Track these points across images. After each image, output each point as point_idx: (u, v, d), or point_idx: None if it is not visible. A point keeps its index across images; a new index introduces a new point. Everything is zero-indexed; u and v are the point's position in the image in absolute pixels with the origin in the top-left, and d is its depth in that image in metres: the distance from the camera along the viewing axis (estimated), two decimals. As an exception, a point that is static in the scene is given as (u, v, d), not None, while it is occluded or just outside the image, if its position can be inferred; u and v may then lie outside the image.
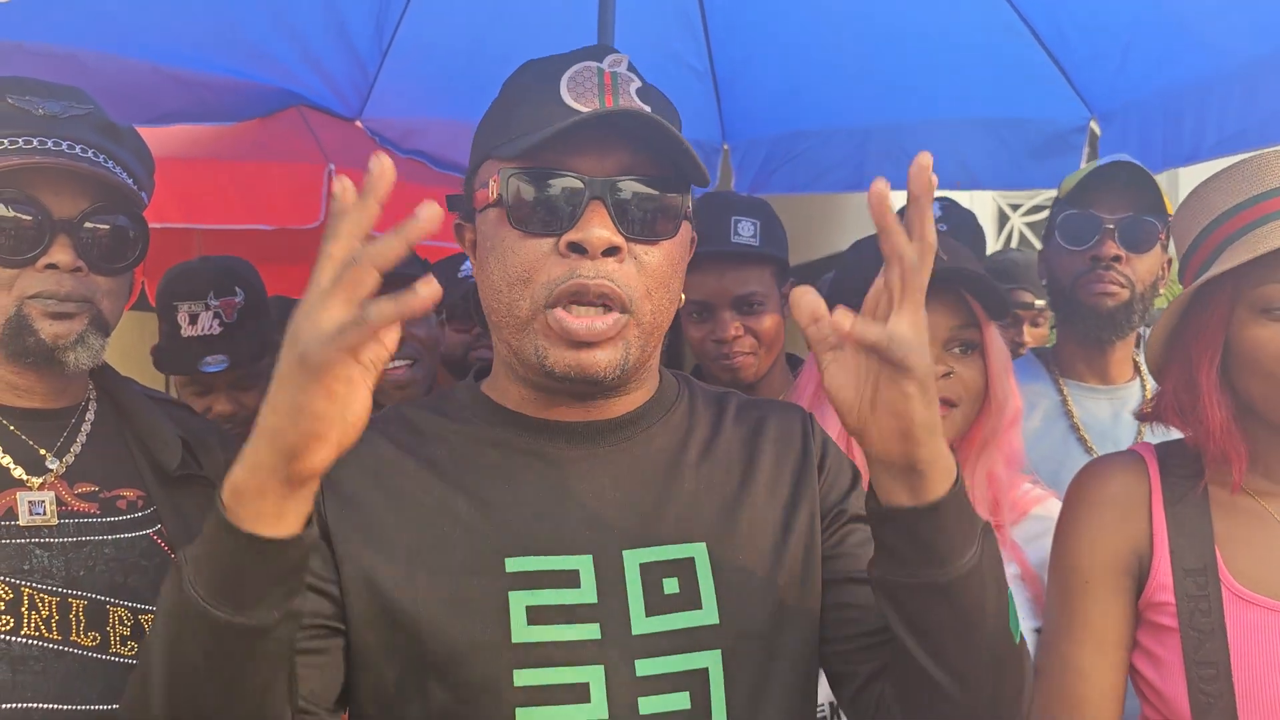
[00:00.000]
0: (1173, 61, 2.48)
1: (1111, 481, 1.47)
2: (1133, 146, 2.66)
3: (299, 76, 2.85)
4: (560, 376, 1.08)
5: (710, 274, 2.15)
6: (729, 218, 2.20)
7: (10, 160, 1.36)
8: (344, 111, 3.08)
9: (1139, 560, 1.43)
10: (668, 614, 1.08)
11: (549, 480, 1.12)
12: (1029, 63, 2.76)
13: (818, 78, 2.96)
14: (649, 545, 1.10)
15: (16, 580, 1.35)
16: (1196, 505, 1.41)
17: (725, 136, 3.25)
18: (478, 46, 2.79)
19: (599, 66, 1.11)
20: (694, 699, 1.07)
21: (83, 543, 1.42)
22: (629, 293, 1.07)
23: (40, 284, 1.39)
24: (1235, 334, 1.37)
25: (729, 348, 2.15)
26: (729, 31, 2.98)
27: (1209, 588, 1.36)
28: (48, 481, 1.43)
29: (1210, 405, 1.39)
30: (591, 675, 1.05)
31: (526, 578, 1.07)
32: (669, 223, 1.10)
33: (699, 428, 1.20)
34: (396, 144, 3.12)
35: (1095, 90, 2.77)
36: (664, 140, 1.07)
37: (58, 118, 1.43)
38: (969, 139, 2.93)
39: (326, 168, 3.07)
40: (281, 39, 2.70)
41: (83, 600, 1.39)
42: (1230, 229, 1.39)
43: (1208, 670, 1.33)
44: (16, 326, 1.39)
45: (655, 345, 1.14)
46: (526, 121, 1.08)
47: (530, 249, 1.07)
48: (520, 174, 1.07)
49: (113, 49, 2.40)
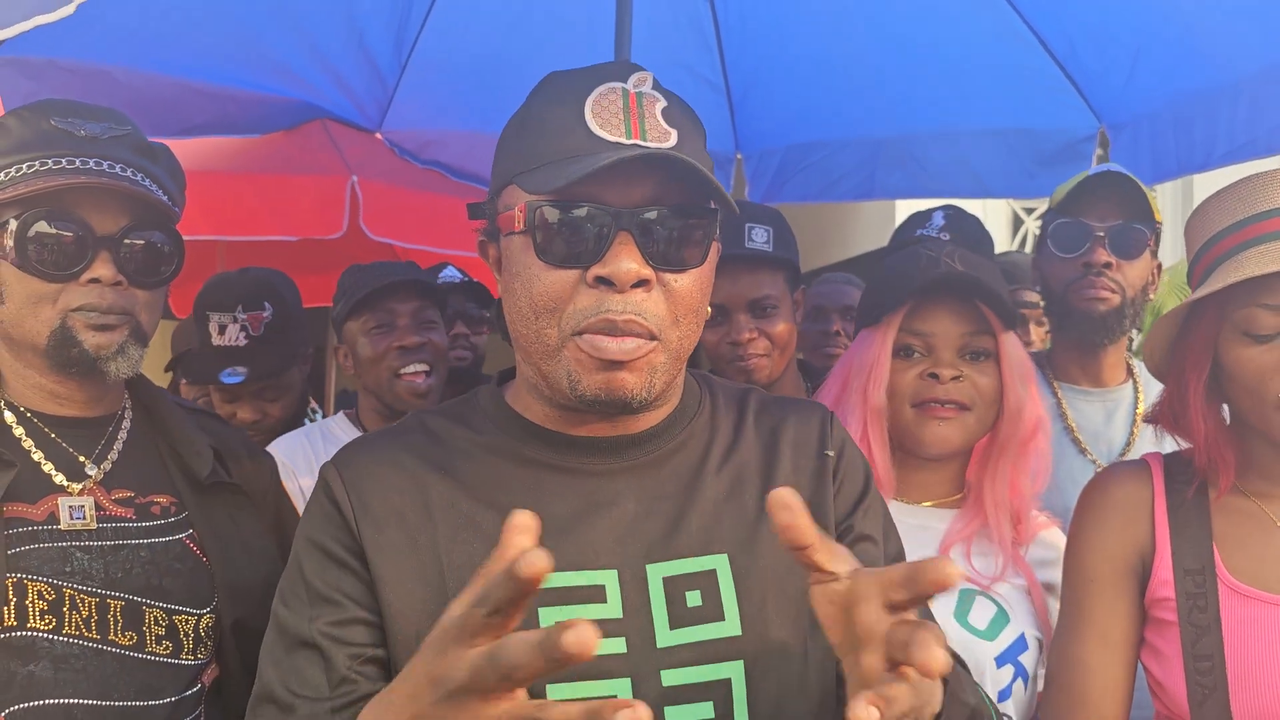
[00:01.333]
0: (1182, 71, 2.50)
1: (1117, 488, 1.53)
2: (1143, 155, 2.69)
3: (321, 90, 2.92)
4: (591, 400, 1.07)
5: (725, 278, 2.20)
6: (743, 224, 2.24)
7: (55, 180, 1.41)
8: (365, 123, 3.14)
9: (1142, 561, 1.47)
10: (691, 626, 1.09)
11: (574, 496, 1.13)
12: (1039, 73, 2.78)
13: (830, 89, 2.99)
14: (671, 559, 1.11)
15: (59, 581, 1.40)
16: (1196, 509, 1.46)
17: (739, 147, 3.28)
18: (495, 59, 2.83)
19: (624, 88, 1.09)
20: (718, 709, 1.08)
21: (120, 546, 1.47)
22: (657, 323, 1.07)
23: (83, 297, 1.44)
24: (1222, 351, 1.43)
25: (744, 349, 2.19)
26: (742, 43, 3.02)
27: (1206, 585, 1.41)
28: (87, 487, 1.48)
29: (1197, 418, 1.45)
30: (619, 688, 1.06)
31: (554, 594, 1.07)
32: (696, 250, 1.09)
33: (720, 437, 1.20)
34: (415, 155, 3.18)
35: (1105, 100, 2.80)
36: (692, 168, 1.05)
37: (99, 139, 1.48)
38: (980, 149, 2.96)
39: (349, 179, 3.12)
40: (304, 54, 2.76)
41: (120, 601, 1.44)
42: (1222, 249, 1.44)
43: (1204, 663, 1.38)
44: (61, 338, 1.44)
45: (681, 366, 1.14)
46: (552, 149, 1.07)
47: (558, 280, 1.06)
48: (547, 206, 1.06)
49: (142, 65, 2.47)
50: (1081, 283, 2.09)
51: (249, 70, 2.72)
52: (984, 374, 1.62)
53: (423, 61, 2.95)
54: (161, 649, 1.46)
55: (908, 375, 1.63)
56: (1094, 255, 2.09)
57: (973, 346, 1.62)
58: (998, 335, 1.62)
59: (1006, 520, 1.65)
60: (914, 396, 1.62)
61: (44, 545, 1.42)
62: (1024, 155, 2.93)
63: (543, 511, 1.10)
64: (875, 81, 2.94)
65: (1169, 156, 2.60)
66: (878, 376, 1.61)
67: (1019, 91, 2.86)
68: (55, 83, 2.32)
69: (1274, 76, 2.35)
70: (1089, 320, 2.10)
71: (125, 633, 1.44)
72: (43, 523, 1.43)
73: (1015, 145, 2.94)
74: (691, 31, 2.99)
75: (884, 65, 2.89)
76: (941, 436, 1.61)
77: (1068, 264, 2.12)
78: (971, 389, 1.61)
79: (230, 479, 1.63)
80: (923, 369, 1.62)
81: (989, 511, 1.64)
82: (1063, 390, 2.18)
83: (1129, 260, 2.10)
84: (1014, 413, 1.63)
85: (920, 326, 1.62)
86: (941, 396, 1.60)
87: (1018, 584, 1.64)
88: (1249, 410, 1.42)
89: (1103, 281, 2.08)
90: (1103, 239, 2.09)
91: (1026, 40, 2.73)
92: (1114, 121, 2.81)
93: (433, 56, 2.93)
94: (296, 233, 3.19)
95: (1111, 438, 2.10)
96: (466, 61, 2.89)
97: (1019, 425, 1.64)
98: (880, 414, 1.62)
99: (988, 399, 1.62)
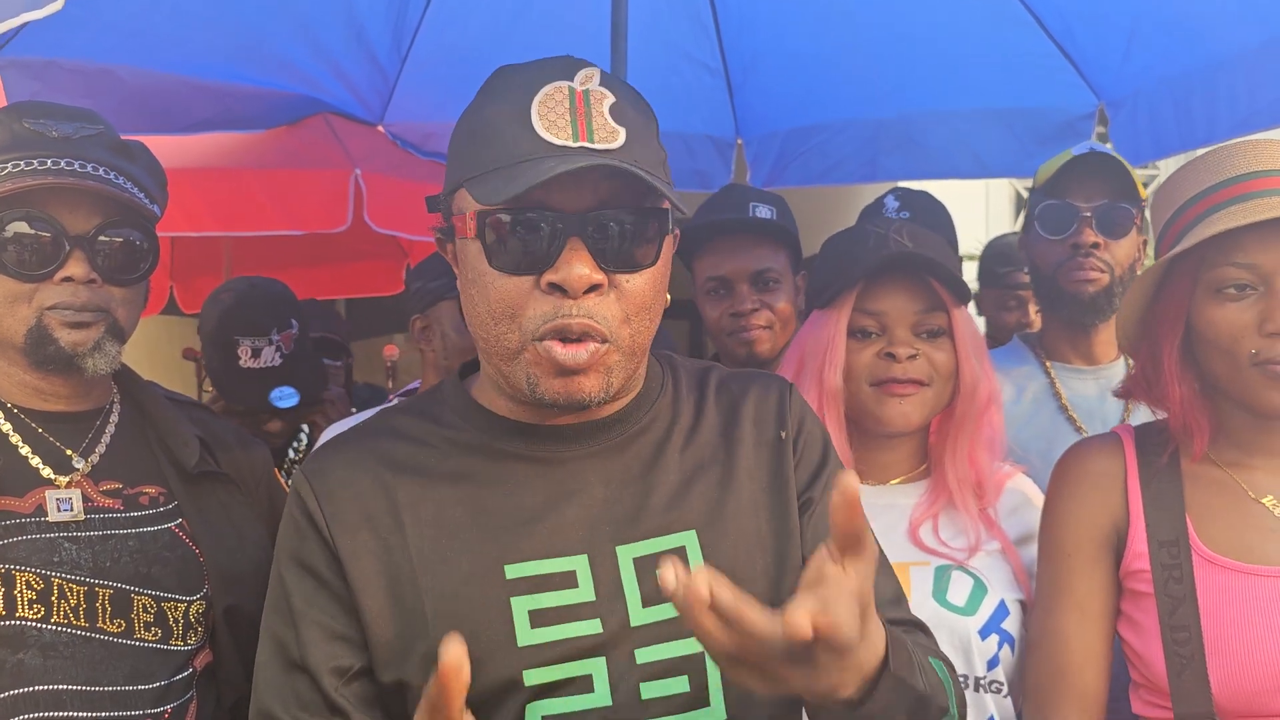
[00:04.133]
0: (1179, 48, 2.50)
1: (1090, 461, 1.54)
2: (1143, 131, 2.69)
3: (323, 84, 2.93)
4: (550, 402, 1.10)
5: (728, 251, 2.22)
6: (747, 201, 2.27)
7: (27, 181, 1.44)
8: (367, 117, 3.15)
9: (1117, 533, 1.49)
10: (663, 604, 1.10)
11: (542, 484, 1.15)
12: (1036, 52, 2.79)
13: (829, 71, 2.99)
14: (640, 539, 1.14)
15: (47, 572, 1.43)
16: (1169, 480, 1.48)
17: (739, 131, 3.29)
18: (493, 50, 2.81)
19: (570, 86, 1.09)
20: (692, 682, 1.11)
21: (108, 536, 1.50)
22: (609, 326, 1.08)
23: (58, 296, 1.47)
24: (1194, 314, 1.44)
25: (746, 320, 2.21)
26: (740, 28, 3.02)
27: (1181, 556, 1.42)
28: (74, 480, 1.51)
29: (1172, 381, 1.46)
30: (594, 667, 1.09)
31: (526, 583, 1.10)
32: (649, 248, 1.10)
33: (683, 416, 1.22)
34: (417, 147, 3.19)
35: (1103, 77, 2.80)
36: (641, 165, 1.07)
37: (71, 139, 1.50)
38: (979, 129, 2.96)
39: (353, 173, 3.13)
40: (305, 48, 2.78)
41: (109, 589, 1.47)
42: (1192, 215, 1.45)
43: (1181, 633, 1.39)
44: (38, 336, 1.47)
45: (640, 361, 1.16)
46: (500, 154, 1.07)
47: (512, 287, 1.08)
48: (497, 214, 1.07)
49: (144, 63, 2.49)
50: (1070, 264, 2.10)
51: (251, 66, 2.73)
52: (939, 349, 1.64)
53: (423, 54, 2.96)
54: (150, 635, 1.49)
55: (864, 355, 1.63)
56: (1081, 236, 2.10)
57: (927, 324, 1.63)
58: (950, 311, 1.64)
59: (970, 492, 1.67)
60: (871, 376, 1.63)
61: (32, 537, 1.44)
62: (1023, 134, 2.93)
63: (509, 501, 1.14)
64: (874, 63, 2.95)
65: (1169, 132, 2.60)
66: (833, 359, 1.62)
67: (1017, 71, 2.86)
68: (58, 83, 2.34)
69: (1272, 50, 2.35)
70: (1078, 302, 2.11)
71: (114, 620, 1.47)
72: (30, 515, 1.46)
73: (1015, 124, 2.94)
74: (689, 17, 3.00)
75: (882, 47, 2.90)
76: (901, 414, 1.62)
77: (1055, 245, 2.13)
78: (928, 365, 1.63)
79: (220, 469, 1.66)
80: (879, 348, 1.63)
81: (952, 488, 1.66)
82: (1055, 369, 2.19)
83: (1116, 239, 2.10)
84: (970, 387, 1.65)
85: (874, 306, 1.63)
86: (899, 375, 1.61)
87: (992, 549, 1.66)
88: (1222, 373, 1.43)
89: (1091, 262, 2.09)
90: (1089, 219, 2.10)
91: (1023, 19, 2.73)
92: (1112, 98, 2.82)
93: (432, 48, 2.94)
94: (301, 227, 3.21)
95: (1106, 414, 2.11)
96: (466, 52, 2.90)
97: (975, 399, 1.66)
98: (837, 396, 1.63)
99: (944, 374, 1.64)
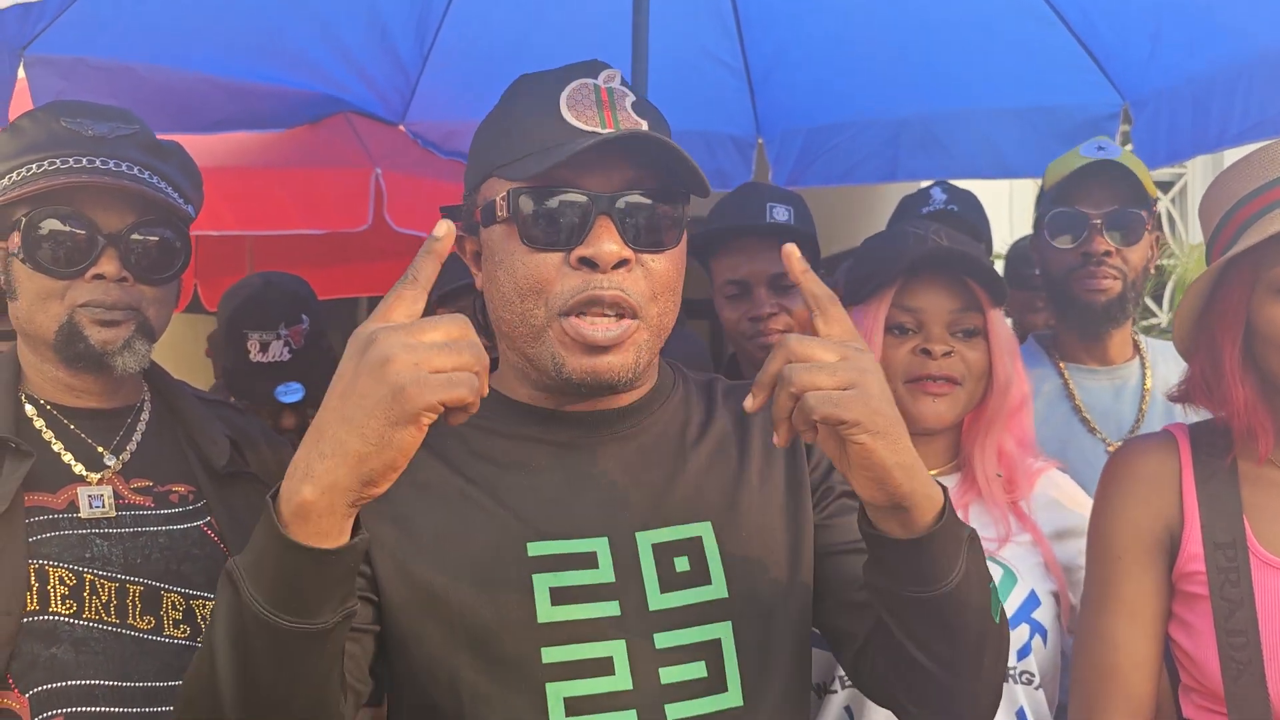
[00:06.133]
0: (1202, 48, 2.48)
1: (1143, 461, 1.52)
2: (1162, 133, 2.67)
3: (344, 83, 2.94)
4: (577, 383, 1.13)
5: (746, 253, 2.22)
6: (764, 203, 2.26)
7: (61, 179, 1.46)
8: (388, 116, 3.16)
9: (1170, 535, 1.47)
10: (681, 590, 1.14)
11: (562, 468, 1.18)
12: (1060, 50, 2.76)
13: (850, 70, 2.98)
14: (659, 526, 1.16)
15: (79, 568, 1.44)
16: (1226, 481, 1.45)
17: (760, 131, 3.27)
18: (514, 49, 2.85)
19: (595, 83, 1.15)
20: (710, 667, 1.13)
21: (139, 533, 1.51)
22: (639, 299, 1.12)
23: (89, 293, 1.48)
24: (1255, 314, 1.42)
25: (764, 324, 2.21)
26: (761, 27, 3.01)
27: (1238, 559, 1.40)
28: (105, 476, 1.52)
29: (1234, 383, 1.43)
30: (614, 650, 1.11)
31: (548, 561, 1.12)
32: (672, 231, 1.15)
33: (695, 413, 1.26)
34: (439, 146, 3.20)
35: (1128, 76, 2.77)
36: (664, 154, 1.12)
37: (105, 138, 1.51)
38: (1002, 127, 2.94)
39: (373, 172, 3.14)
40: (326, 48, 2.79)
41: (139, 586, 1.48)
42: (1247, 213, 1.43)
43: (1238, 638, 1.37)
44: (69, 333, 1.48)
45: (660, 344, 1.19)
46: (530, 141, 1.13)
47: (541, 262, 1.12)
48: (530, 192, 1.11)
49: (168, 61, 2.51)
50: (1082, 272, 2.09)
51: (273, 65, 2.75)
52: (973, 349, 1.65)
53: (444, 53, 2.97)
54: (179, 633, 1.50)
55: (900, 352, 1.65)
56: (1092, 245, 2.08)
57: (963, 323, 1.65)
58: (986, 311, 1.65)
59: (999, 486, 1.68)
60: (906, 373, 1.65)
61: (64, 533, 1.45)
62: (1047, 133, 2.90)
63: (532, 483, 1.17)
64: (896, 62, 2.93)
65: (1185, 135, 2.58)
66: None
67: (1041, 69, 2.84)
68: (84, 80, 2.36)
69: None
70: (1091, 310, 2.09)
71: (144, 617, 1.48)
72: (63, 511, 1.47)
73: (1038, 123, 2.92)
74: (710, 16, 2.99)
75: (905, 45, 2.88)
76: (935, 411, 1.64)
77: (1066, 253, 2.11)
78: (962, 364, 1.64)
79: (248, 468, 1.67)
80: (914, 345, 1.65)
81: (981, 482, 1.68)
82: (1069, 370, 2.17)
83: (1128, 245, 2.08)
84: (1003, 386, 1.67)
85: (911, 303, 1.65)
86: (934, 372, 1.64)
87: (1023, 541, 1.66)
88: None
89: (1103, 270, 2.07)
90: (1099, 226, 2.08)
91: (1047, 17, 2.71)
92: (1137, 97, 2.79)
93: (454, 48, 2.95)
94: (322, 226, 3.22)
95: (1120, 415, 2.10)
96: (487, 52, 2.91)
97: (1007, 398, 1.67)
98: None
99: (977, 374, 1.65)
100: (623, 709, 1.09)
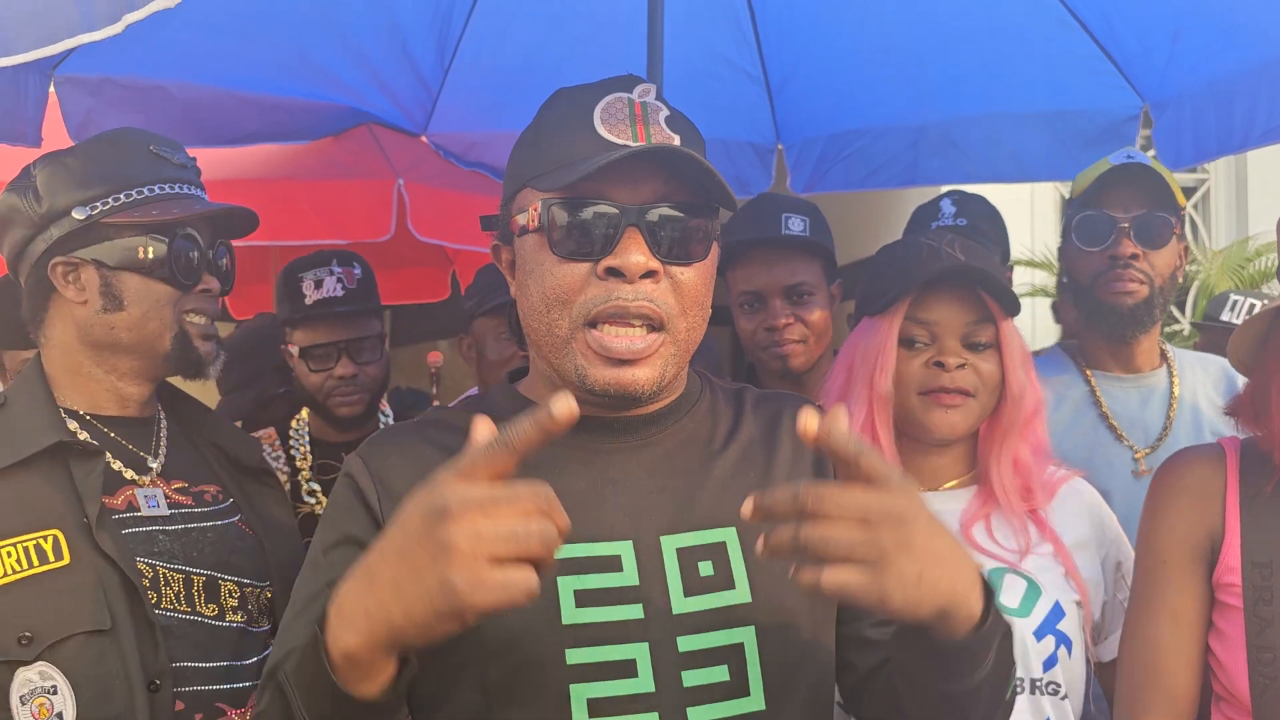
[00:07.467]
0: (1222, 49, 2.47)
1: (1190, 471, 1.56)
2: (1185, 135, 2.65)
3: (367, 96, 2.99)
4: (600, 394, 1.15)
5: (761, 265, 2.23)
6: (780, 214, 2.27)
7: (182, 209, 1.59)
8: (410, 128, 3.20)
9: (1212, 544, 1.50)
10: (704, 594, 1.15)
11: (588, 472, 1.19)
12: (1079, 54, 2.76)
13: (868, 76, 2.99)
14: (684, 531, 1.17)
15: (152, 561, 1.53)
16: (1269, 502, 1.49)
17: (779, 137, 3.28)
18: (534, 61, 2.87)
19: (629, 97, 1.17)
20: (732, 671, 1.14)
21: (189, 529, 1.60)
22: (667, 311, 1.14)
23: (196, 302, 1.63)
24: None
25: (780, 335, 2.22)
26: (779, 33, 3.03)
27: (1273, 579, 1.43)
28: (152, 478, 1.62)
29: (1278, 413, 1.46)
30: (638, 652, 1.12)
31: (573, 564, 1.13)
32: (700, 245, 1.16)
33: (722, 421, 1.27)
34: (460, 157, 3.24)
35: (1147, 79, 2.76)
36: (694, 168, 1.13)
37: (187, 167, 1.66)
38: (1021, 132, 2.93)
39: (396, 183, 3.18)
40: (350, 62, 2.83)
41: (201, 576, 1.58)
42: None
43: (1267, 654, 1.41)
44: (183, 343, 1.61)
45: (688, 358, 1.20)
46: (563, 153, 1.15)
47: (570, 273, 1.13)
48: (560, 203, 1.13)
49: (194, 78, 2.56)
50: (1108, 275, 2.07)
51: (297, 79, 2.79)
52: (986, 361, 1.66)
53: (465, 65, 3.00)
54: (238, 618, 1.61)
55: (913, 364, 1.66)
56: (1120, 248, 2.07)
57: (976, 336, 1.66)
58: (999, 323, 1.66)
59: (1017, 496, 1.69)
60: (920, 385, 1.66)
61: (134, 530, 1.54)
62: (1066, 137, 2.90)
63: (559, 487, 1.15)
64: (914, 67, 2.93)
65: (1209, 136, 2.56)
66: (884, 365, 1.65)
67: (1059, 73, 2.83)
68: (112, 98, 2.41)
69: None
70: (1118, 314, 2.08)
71: (208, 605, 1.58)
72: (125, 511, 1.55)
73: (1057, 127, 2.90)
74: (728, 23, 3.01)
75: (922, 50, 2.89)
76: (948, 423, 1.65)
77: (1093, 257, 2.10)
78: (975, 376, 1.65)
79: (265, 464, 1.78)
80: (928, 358, 1.66)
81: (999, 493, 1.68)
82: (1096, 378, 2.17)
83: (1155, 250, 2.07)
84: (1016, 396, 1.67)
85: (925, 316, 1.66)
86: (948, 384, 1.64)
87: (1044, 552, 1.67)
88: None
89: (1130, 274, 2.05)
90: (1127, 230, 2.07)
91: (1065, 20, 2.71)
92: (1157, 100, 2.78)
93: (474, 60, 2.98)
94: (346, 236, 3.26)
95: (1148, 423, 2.09)
96: (507, 64, 2.94)
97: (1021, 408, 1.68)
98: (887, 402, 1.66)
99: (990, 386, 1.66)
100: (645, 711, 1.10)
